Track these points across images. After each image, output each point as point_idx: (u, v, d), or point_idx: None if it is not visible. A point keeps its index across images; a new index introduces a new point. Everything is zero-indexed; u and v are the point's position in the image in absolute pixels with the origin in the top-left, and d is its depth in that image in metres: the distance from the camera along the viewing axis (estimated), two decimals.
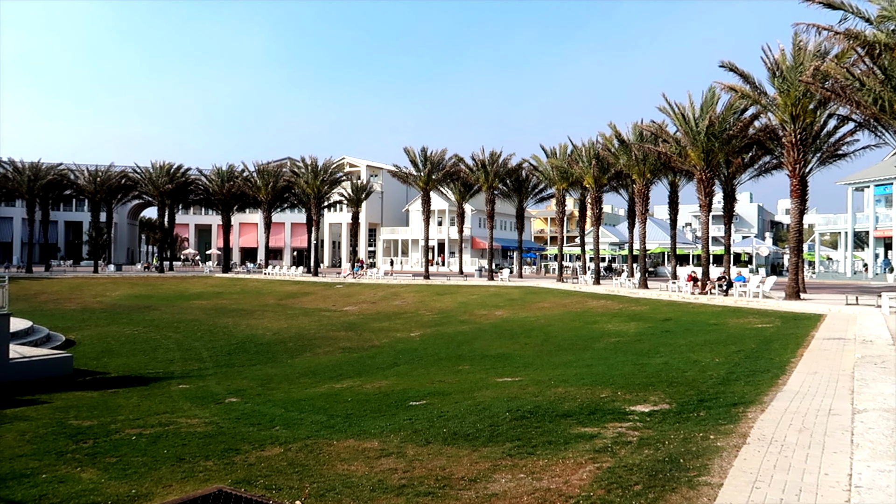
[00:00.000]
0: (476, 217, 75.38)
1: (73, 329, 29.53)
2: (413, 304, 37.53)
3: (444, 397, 13.20)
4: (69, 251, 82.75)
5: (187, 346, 25.64)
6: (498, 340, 23.96)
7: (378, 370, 19.26)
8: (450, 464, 7.95)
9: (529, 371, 16.48)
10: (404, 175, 54.85)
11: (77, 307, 40.44)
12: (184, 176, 63.16)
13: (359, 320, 32.89)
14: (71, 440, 10.71)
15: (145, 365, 21.71)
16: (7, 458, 9.56)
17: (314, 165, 58.14)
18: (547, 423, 9.70)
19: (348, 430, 10.63)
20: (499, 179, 51.68)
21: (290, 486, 7.46)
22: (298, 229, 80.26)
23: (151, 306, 40.39)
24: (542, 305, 33.10)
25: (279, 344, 26.52)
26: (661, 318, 25.41)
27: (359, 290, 43.95)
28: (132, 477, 8.25)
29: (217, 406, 14.33)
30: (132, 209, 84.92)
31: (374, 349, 24.60)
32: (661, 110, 34.88)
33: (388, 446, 9.08)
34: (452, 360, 20.36)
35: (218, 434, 10.85)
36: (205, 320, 33.85)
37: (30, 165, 60.01)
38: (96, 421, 12.60)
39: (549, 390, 12.61)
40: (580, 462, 7.51)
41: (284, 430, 10.89)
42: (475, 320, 30.54)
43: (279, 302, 41.36)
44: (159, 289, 48.96)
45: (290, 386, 17.14)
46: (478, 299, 37.05)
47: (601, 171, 42.65)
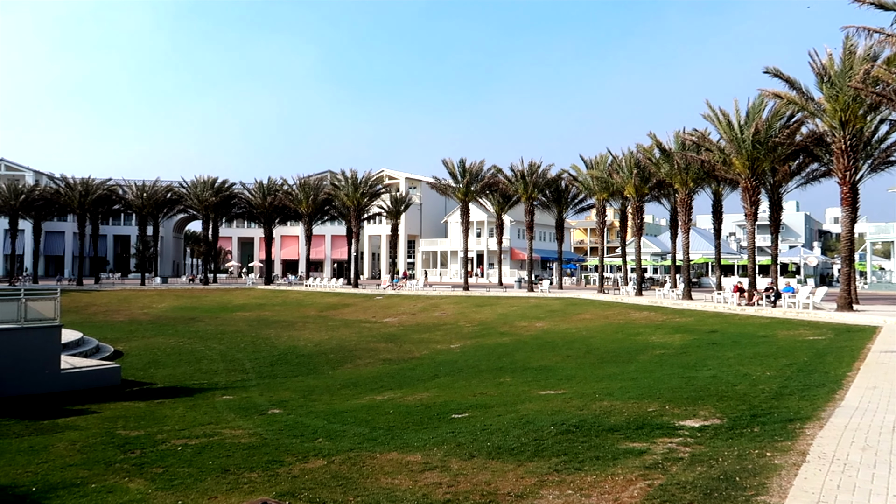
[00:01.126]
0: (515, 228, 75.04)
1: (121, 340, 30.21)
2: (453, 315, 37.43)
3: (487, 410, 13.04)
4: (118, 264, 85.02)
5: (231, 358, 25.98)
6: (539, 352, 23.67)
7: (419, 382, 19.18)
8: (495, 479, 7.80)
9: (572, 384, 16.20)
10: (443, 187, 54.95)
11: (125, 319, 41.43)
12: (227, 190, 64.42)
13: (399, 332, 32.92)
14: (119, 450, 10.87)
15: (190, 376, 22.05)
16: (58, 467, 9.73)
17: (354, 178, 58.69)
18: (593, 437, 9.47)
19: (391, 442, 10.55)
20: (538, 190, 51.37)
21: (334, 499, 7.40)
22: (339, 241, 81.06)
23: (196, 318, 41.13)
24: (584, 317, 32.66)
25: (320, 355, 26.67)
26: (706, 330, 24.80)
27: (398, 302, 44.05)
28: (178, 488, 8.30)
29: (260, 417, 14.42)
30: (177, 223, 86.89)
31: (414, 361, 24.55)
32: (705, 118, 34.24)
33: (432, 460, 8.97)
34: (493, 372, 20.17)
35: (262, 445, 10.89)
36: (247, 332, 34.29)
37: (81, 181, 61.96)
38: (143, 431, 12.78)
39: (594, 404, 12.34)
40: (630, 479, 7.28)
41: (327, 443, 10.87)
42: (515, 332, 30.27)
43: (320, 313, 41.70)
44: (203, 301, 49.86)
45: (331, 397, 17.18)
46: (518, 311, 36.77)
47: (642, 181, 42.05)
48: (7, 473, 9.39)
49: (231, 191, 64.88)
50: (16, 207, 60.98)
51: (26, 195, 61.41)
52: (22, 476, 9.22)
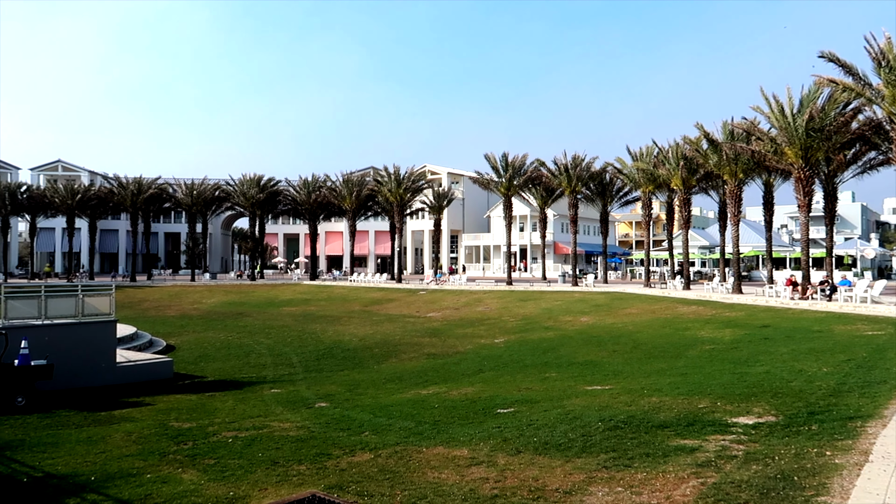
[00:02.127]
0: (559, 222, 74.38)
1: (173, 335, 31.00)
2: (496, 310, 37.31)
3: (533, 405, 12.94)
4: (169, 261, 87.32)
5: (278, 352, 26.41)
6: (584, 347, 23.41)
7: (463, 376, 19.17)
8: (543, 474, 7.73)
9: (619, 379, 15.96)
10: (485, 181, 54.77)
11: (176, 314, 42.52)
12: (272, 187, 65.43)
13: (442, 326, 32.97)
14: (172, 441, 11.14)
15: (239, 369, 22.49)
16: (115, 457, 10.03)
17: (397, 174, 58.96)
18: (643, 434, 9.30)
19: (437, 437, 10.55)
20: (582, 183, 50.75)
21: (381, 493, 7.44)
22: (382, 237, 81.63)
23: (244, 313, 41.95)
24: (630, 311, 32.17)
25: (365, 350, 26.90)
26: (758, 325, 24.15)
27: (442, 297, 44.13)
28: (230, 479, 8.46)
29: (308, 410, 14.61)
30: (225, 220, 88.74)
31: (458, 355, 24.55)
32: (755, 109, 33.30)
33: (478, 455, 8.94)
34: (538, 367, 20.02)
35: (309, 438, 11.02)
36: (294, 326, 34.81)
37: (133, 181, 63.75)
38: (195, 423, 13.08)
39: (643, 399, 12.13)
40: (682, 477, 7.12)
41: (374, 436, 10.94)
42: (560, 327, 30.00)
43: (364, 308, 42.07)
44: (251, 296, 50.82)
45: (377, 391, 17.30)
46: (562, 305, 36.43)
47: (689, 173, 41.14)
48: (68, 463, 9.72)
49: (276, 188, 65.89)
50: (72, 207, 63.11)
51: (82, 195, 63.49)
52: (82, 465, 9.52)
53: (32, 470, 9.36)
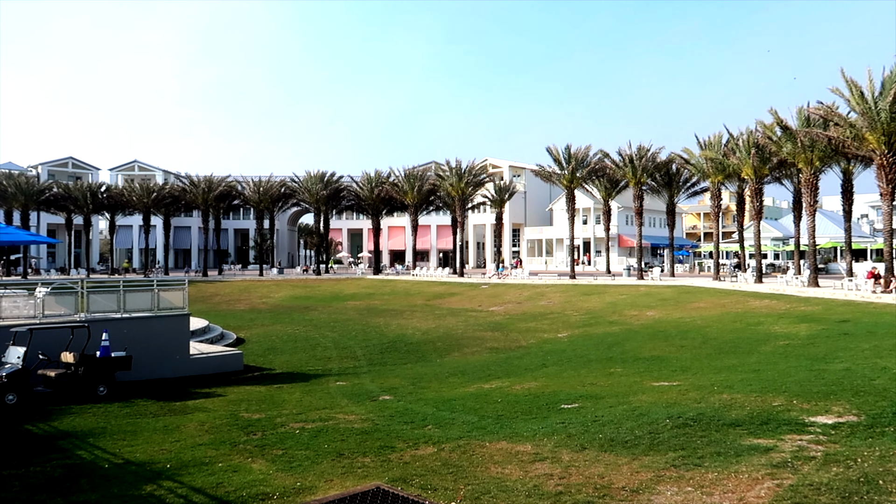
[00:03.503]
0: (623, 214, 72.91)
1: (243, 328, 31.95)
2: (559, 304, 36.91)
3: (598, 401, 12.72)
4: (238, 256, 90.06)
5: (343, 345, 26.87)
6: (651, 342, 22.88)
7: (526, 371, 19.03)
8: (608, 472, 7.58)
9: (688, 375, 15.52)
10: (547, 174, 54.16)
11: (246, 308, 43.83)
12: (336, 183, 66.53)
13: (505, 320, 32.84)
14: (242, 432, 11.47)
15: (306, 362, 22.99)
16: (189, 446, 10.39)
17: (458, 168, 58.98)
18: (713, 432, 9.00)
19: (500, 431, 10.50)
20: (647, 174, 49.54)
21: (445, 486, 7.44)
22: (444, 231, 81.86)
23: (310, 307, 42.87)
24: (698, 305, 31.25)
25: (428, 343, 27.07)
26: (837, 320, 23.06)
27: (504, 291, 43.96)
28: (297, 470, 8.64)
29: (372, 403, 14.79)
30: (291, 216, 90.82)
31: (521, 349, 24.41)
32: (834, 91, 31.67)
33: (542, 450, 8.84)
34: (603, 362, 19.69)
35: (374, 431, 11.15)
36: (358, 320, 35.34)
37: (203, 179, 66.03)
38: (264, 414, 13.44)
39: (713, 396, 11.75)
40: (756, 477, 6.85)
41: (437, 430, 10.97)
42: (625, 321, 29.43)
43: (427, 302, 42.33)
44: (317, 290, 51.88)
45: (440, 385, 17.37)
46: (627, 299, 35.72)
47: (761, 161, 39.58)
48: (145, 451, 10.14)
49: (340, 184, 66.95)
50: (148, 205, 65.83)
51: (157, 193, 66.13)
52: (158, 453, 9.91)
53: (113, 457, 9.80)
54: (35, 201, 62.96)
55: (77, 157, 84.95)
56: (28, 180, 64.13)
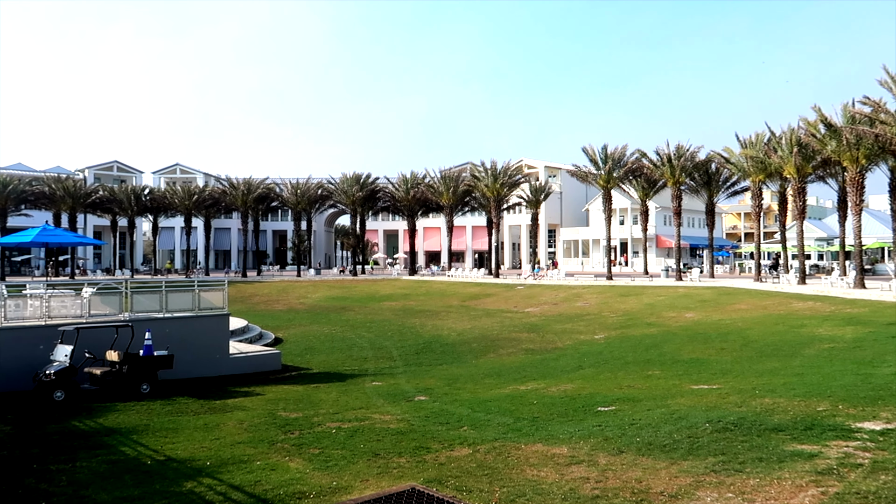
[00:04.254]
0: (661, 214, 71.87)
1: (281, 328, 32.39)
2: (596, 305, 36.55)
3: (635, 404, 12.56)
4: (276, 257, 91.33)
5: (379, 345, 27.03)
6: (690, 344, 22.50)
7: (562, 373, 18.89)
8: (646, 476, 7.47)
9: (728, 378, 15.22)
10: (583, 174, 53.71)
11: (284, 308, 44.42)
12: (372, 184, 67.00)
13: (541, 322, 32.65)
14: (280, 430, 11.62)
15: (342, 362, 23.19)
16: (228, 444, 10.57)
17: (493, 169, 58.88)
18: (755, 437, 8.81)
19: (536, 433, 10.44)
20: (686, 174, 48.76)
21: (480, 488, 7.43)
22: (479, 232, 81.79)
23: (347, 307, 43.24)
24: (739, 307, 30.62)
25: (463, 344, 27.06)
26: (885, 322, 22.36)
27: (540, 292, 43.71)
28: (333, 469, 8.72)
29: (407, 404, 14.85)
30: (328, 217, 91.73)
31: (557, 351, 24.24)
32: (883, 84, 30.71)
33: (578, 453, 8.77)
34: (640, 364, 19.43)
35: (409, 431, 11.19)
36: (394, 320, 35.52)
37: (243, 181, 67.16)
38: (301, 413, 13.60)
39: (754, 400, 11.50)
40: (799, 484, 6.68)
41: (472, 431, 10.96)
42: (663, 323, 28.99)
43: (462, 303, 42.33)
44: (353, 291, 52.32)
45: (475, 386, 17.35)
46: (665, 300, 35.20)
47: (804, 160, 38.61)
48: (186, 448, 10.34)
49: (376, 185, 67.40)
50: (189, 207, 67.22)
51: (197, 196, 67.50)
52: (198, 451, 10.10)
53: (155, 453, 10.02)
54: (82, 204, 64.86)
55: (121, 161, 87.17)
56: (75, 184, 66.05)
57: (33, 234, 23.92)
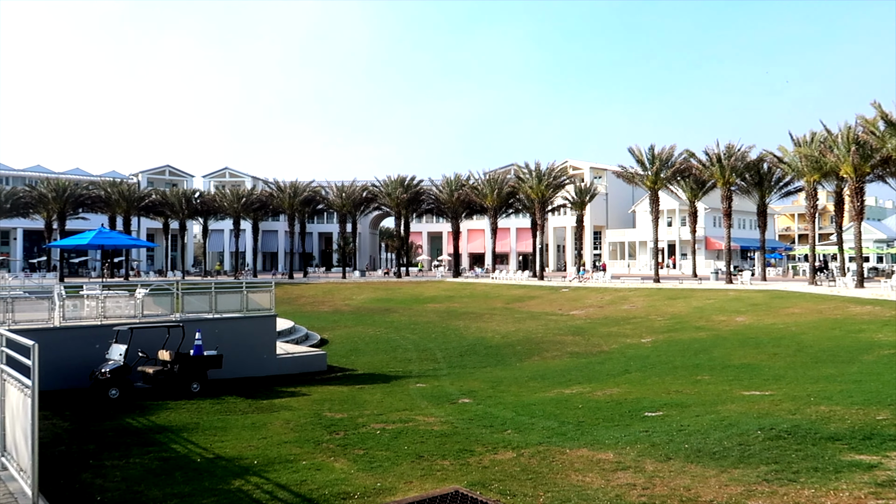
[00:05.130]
0: (710, 215, 70.34)
1: (327, 329, 32.80)
2: (643, 308, 35.95)
3: (683, 409, 12.29)
4: (322, 259, 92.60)
5: (423, 347, 27.11)
6: (741, 349, 21.92)
7: (608, 377, 18.62)
8: (695, 484, 7.29)
9: (781, 385, 14.77)
10: (630, 175, 52.97)
11: (329, 309, 44.98)
12: (416, 187, 67.37)
13: (586, 324, 32.28)
14: (326, 431, 11.75)
15: (387, 363, 23.33)
16: (275, 443, 10.73)
17: (538, 170, 58.55)
18: (809, 445, 8.52)
19: (581, 438, 10.31)
20: (736, 174, 47.60)
21: (524, 492, 7.36)
22: (523, 234, 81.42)
23: (391, 309, 43.54)
24: (792, 311, 29.71)
25: (507, 347, 26.94)
26: None
27: (585, 294, 43.23)
28: (377, 470, 8.76)
29: (451, 406, 14.84)
30: (373, 219, 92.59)
31: (602, 354, 23.92)
32: None
33: (625, 459, 8.62)
34: (689, 368, 19.02)
35: (453, 434, 11.17)
36: (438, 322, 35.60)
37: (289, 184, 68.37)
38: (346, 414, 13.72)
39: (809, 408, 11.13)
40: (857, 496, 6.43)
41: (516, 435, 10.89)
42: (713, 326, 28.33)
43: (506, 305, 42.16)
44: (397, 293, 52.65)
45: (519, 389, 17.24)
46: (715, 304, 34.40)
47: (862, 159, 37.26)
48: (234, 446, 10.54)
49: (420, 187, 67.74)
50: (238, 210, 68.74)
51: (246, 199, 69.01)
52: (246, 450, 10.28)
53: (205, 451, 10.24)
54: (136, 207, 66.97)
55: (173, 165, 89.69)
56: (129, 188, 68.24)
57: (90, 236, 24.80)
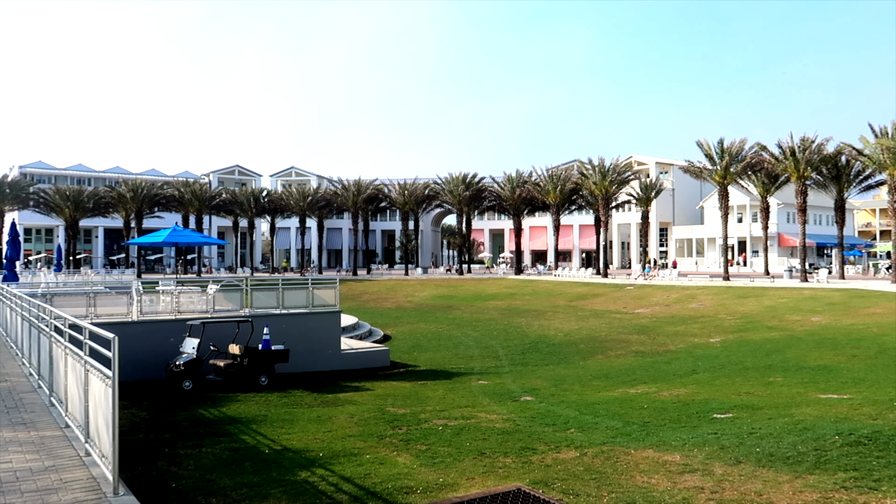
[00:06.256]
0: (783, 211, 67.63)
1: (389, 325, 33.18)
2: (711, 307, 34.90)
3: (755, 412, 11.87)
4: (385, 256, 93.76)
5: (485, 344, 27.10)
6: (816, 350, 21.01)
7: (675, 377, 18.17)
8: (767, 489, 7.04)
9: (861, 388, 14.08)
10: (697, 170, 51.42)
11: (392, 306, 45.49)
12: (478, 184, 67.30)
13: (651, 323, 31.58)
14: (389, 425, 11.89)
15: (448, 360, 23.43)
16: (339, 437, 10.94)
17: (601, 166, 57.57)
18: (892, 452, 8.10)
19: (646, 439, 10.10)
20: (812, 168, 45.56)
21: (587, 492, 7.27)
22: (586, 231, 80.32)
23: (453, 306, 43.67)
24: (873, 311, 28.25)
25: (570, 345, 26.63)
26: None
27: (650, 292, 42.29)
28: (439, 466, 8.81)
29: (513, 403, 14.78)
30: (435, 217, 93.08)
31: (669, 354, 23.36)
32: None
33: (692, 461, 8.39)
34: (760, 370, 18.35)
35: (515, 431, 11.13)
36: (500, 320, 35.50)
37: (353, 183, 69.47)
38: (409, 410, 13.85)
39: (892, 413, 10.59)
40: None
41: (579, 434, 10.76)
42: (786, 326, 27.25)
43: (569, 303, 41.68)
44: (459, 290, 52.76)
45: (582, 388, 17.03)
46: (789, 303, 33.06)
47: None
48: (300, 439, 10.80)
49: (481, 185, 67.65)
50: (304, 208, 70.35)
51: (311, 197, 70.55)
52: (312, 442, 10.52)
53: (272, 443, 10.53)
54: (207, 206, 69.39)
55: (242, 165, 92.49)
56: (201, 187, 70.75)
57: (164, 234, 25.78)
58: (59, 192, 65.53)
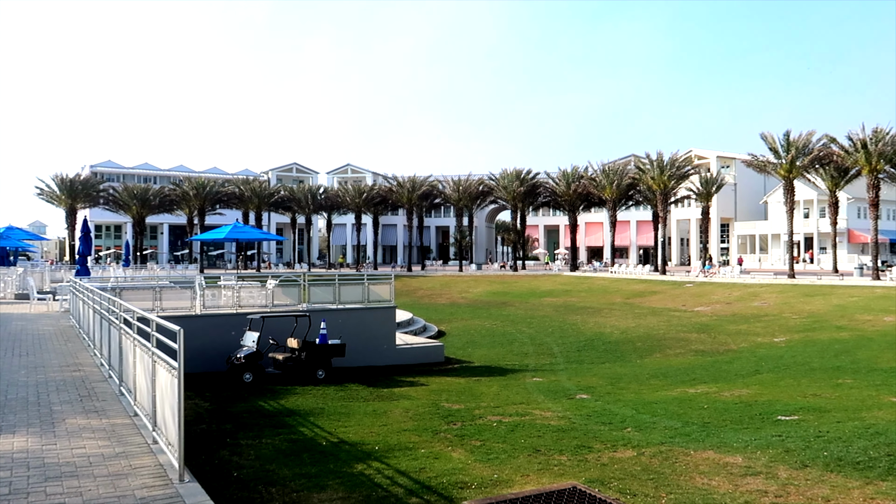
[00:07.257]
0: (854, 206, 64.83)
1: (443, 321, 33.31)
2: (775, 305, 33.76)
3: (822, 414, 11.43)
4: (439, 252, 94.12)
5: (539, 341, 26.92)
6: (889, 351, 20.08)
7: (737, 377, 17.67)
8: (835, 494, 6.78)
9: None
10: (761, 164, 49.73)
11: (446, 302, 45.64)
12: (532, 180, 66.84)
13: (712, 322, 30.76)
14: (443, 421, 11.95)
15: (503, 357, 23.38)
16: (395, 430, 11.05)
17: (659, 160, 56.36)
18: None
19: (706, 440, 9.85)
20: (885, 160, 43.49)
21: (644, 493, 7.14)
22: (644, 227, 78.79)
23: (507, 302, 43.53)
24: None
25: (627, 343, 26.20)
26: None
27: (711, 290, 41.19)
28: (494, 462, 8.80)
29: (568, 401, 14.64)
30: (489, 213, 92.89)
31: (730, 353, 22.72)
32: None
33: (755, 464, 8.15)
34: (828, 371, 17.66)
35: (570, 429, 11.02)
36: (554, 317, 35.20)
37: (407, 179, 69.97)
38: (463, 405, 13.88)
39: None
40: None
41: (637, 433, 10.57)
42: (857, 326, 26.12)
43: (626, 301, 40.99)
44: (513, 286, 52.54)
45: (639, 387, 16.73)
46: (859, 302, 31.68)
47: None
48: (357, 432, 10.95)
49: (535, 180, 67.16)
50: (359, 205, 71.27)
51: (366, 194, 71.40)
52: (367, 435, 10.66)
53: (329, 435, 10.72)
54: (266, 203, 71.09)
55: (299, 163, 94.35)
56: (261, 185, 72.50)
57: (226, 231, 26.58)
58: (127, 191, 68.25)
